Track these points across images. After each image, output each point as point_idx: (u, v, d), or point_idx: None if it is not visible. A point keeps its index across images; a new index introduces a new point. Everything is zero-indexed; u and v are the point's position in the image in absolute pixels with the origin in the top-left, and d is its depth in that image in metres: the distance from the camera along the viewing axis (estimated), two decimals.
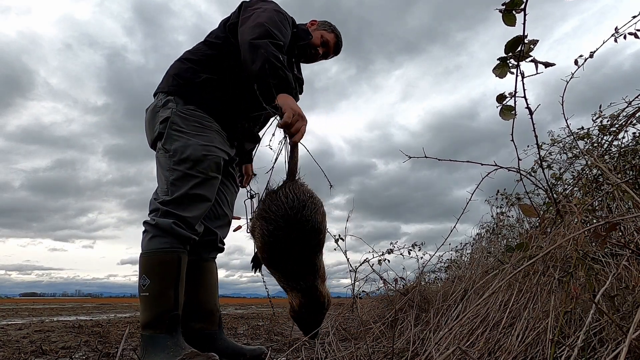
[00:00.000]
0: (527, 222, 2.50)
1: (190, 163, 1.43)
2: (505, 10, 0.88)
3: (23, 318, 4.51)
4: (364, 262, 2.10)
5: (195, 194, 1.43)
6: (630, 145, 1.75)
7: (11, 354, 1.74)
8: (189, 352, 1.28)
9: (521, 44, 0.91)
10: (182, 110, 1.48)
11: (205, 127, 1.49)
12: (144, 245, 1.40)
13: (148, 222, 1.42)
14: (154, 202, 1.44)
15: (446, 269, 3.28)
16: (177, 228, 1.38)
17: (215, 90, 1.54)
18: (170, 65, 1.62)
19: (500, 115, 1.02)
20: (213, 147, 1.48)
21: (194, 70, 1.54)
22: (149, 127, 1.55)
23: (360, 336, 1.95)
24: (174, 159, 1.44)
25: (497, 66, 0.97)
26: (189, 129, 1.47)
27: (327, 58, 1.90)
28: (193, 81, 1.52)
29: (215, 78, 1.54)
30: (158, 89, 1.57)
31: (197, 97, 1.51)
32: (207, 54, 1.59)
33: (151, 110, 1.55)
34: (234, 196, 1.78)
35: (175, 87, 1.52)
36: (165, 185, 1.43)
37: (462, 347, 0.81)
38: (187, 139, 1.45)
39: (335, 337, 1.63)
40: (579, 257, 0.93)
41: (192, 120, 1.48)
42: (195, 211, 1.43)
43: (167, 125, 1.46)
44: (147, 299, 1.35)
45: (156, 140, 1.51)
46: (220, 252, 1.71)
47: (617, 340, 0.85)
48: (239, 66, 1.56)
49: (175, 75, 1.55)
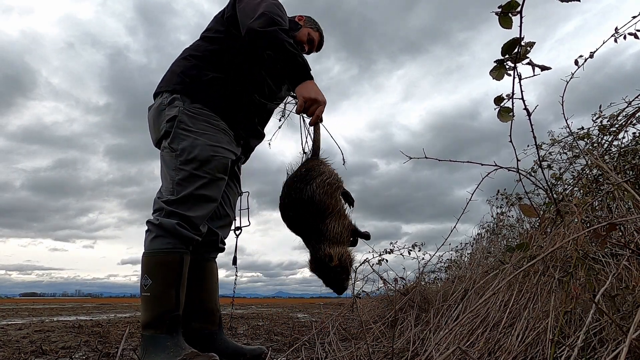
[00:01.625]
0: (527, 222, 2.50)
1: (197, 163, 1.41)
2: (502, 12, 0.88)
3: (23, 318, 4.51)
4: (364, 262, 2.10)
5: (201, 194, 1.42)
6: (630, 145, 1.75)
7: (11, 354, 1.74)
8: (189, 352, 1.28)
9: (518, 46, 0.91)
10: (189, 109, 1.46)
11: (213, 126, 1.48)
12: (146, 245, 1.40)
13: (151, 221, 1.40)
14: (158, 202, 1.43)
15: (446, 269, 3.28)
16: (180, 229, 1.37)
17: (222, 88, 1.52)
18: (172, 64, 1.60)
19: (498, 117, 1.02)
20: (220, 148, 1.47)
21: (199, 67, 1.52)
22: (154, 126, 1.53)
23: (360, 336, 1.95)
24: (180, 158, 1.42)
25: (494, 68, 0.97)
26: (196, 127, 1.45)
27: (309, 54, 1.92)
28: (200, 79, 1.50)
29: (221, 76, 1.53)
30: (160, 88, 1.55)
31: (204, 95, 1.49)
32: (209, 49, 1.57)
33: (156, 108, 1.52)
34: (236, 197, 1.77)
35: (182, 86, 1.49)
36: (171, 184, 1.42)
37: (462, 347, 0.81)
38: (194, 138, 1.43)
39: (335, 337, 1.63)
40: (579, 257, 0.93)
41: (200, 119, 1.46)
42: (200, 211, 1.42)
43: (175, 124, 1.44)
44: (149, 299, 1.34)
45: (162, 139, 1.49)
46: (220, 252, 1.71)
47: (617, 340, 0.85)
48: (241, 61, 1.55)
49: (181, 73, 1.52)
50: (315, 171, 1.45)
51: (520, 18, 0.87)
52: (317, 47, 1.91)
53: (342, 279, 1.38)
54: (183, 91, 1.49)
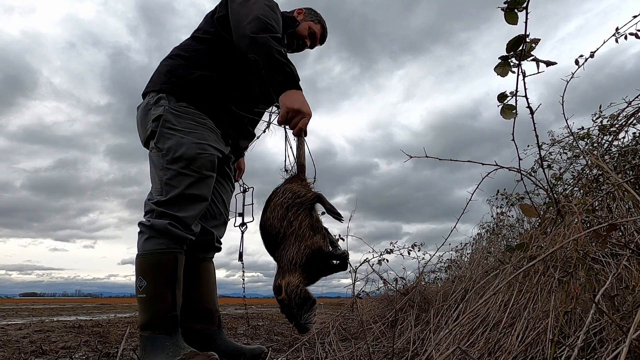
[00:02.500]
0: (527, 222, 2.50)
1: (184, 162, 1.40)
2: (508, 8, 0.88)
3: (23, 318, 4.51)
4: (364, 262, 2.10)
5: (191, 193, 1.40)
6: (631, 145, 1.75)
7: (11, 354, 1.74)
8: (189, 351, 1.28)
9: (523, 42, 0.91)
10: (174, 108, 1.45)
11: (199, 124, 1.46)
12: (139, 247, 1.39)
13: (143, 223, 1.39)
14: (148, 203, 1.41)
15: (446, 269, 3.28)
16: (172, 229, 1.36)
17: (209, 86, 1.50)
18: (160, 63, 1.58)
19: (501, 114, 1.01)
20: (207, 145, 1.45)
21: (186, 67, 1.51)
22: (142, 126, 1.52)
23: (360, 336, 1.95)
24: (167, 157, 1.41)
25: (499, 65, 0.96)
26: (182, 126, 1.43)
27: (312, 48, 1.87)
28: (187, 78, 1.48)
29: (208, 74, 1.51)
30: (148, 89, 1.53)
31: (190, 93, 1.48)
32: (197, 49, 1.55)
33: (143, 108, 1.51)
34: (229, 195, 1.76)
35: (167, 85, 1.48)
36: (159, 185, 1.40)
37: (462, 347, 0.81)
38: (180, 137, 1.42)
39: (335, 337, 1.63)
40: (579, 257, 0.92)
41: (186, 117, 1.45)
42: (191, 211, 1.41)
43: (160, 123, 1.43)
44: (145, 300, 1.34)
45: (149, 139, 1.48)
46: (217, 252, 1.70)
47: (617, 340, 0.85)
48: (231, 61, 1.53)
49: (168, 72, 1.51)
50: (273, 193, 1.35)
51: (526, 14, 0.87)
52: (320, 40, 1.86)
53: (297, 314, 1.19)
54: (169, 90, 1.47)
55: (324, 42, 1.89)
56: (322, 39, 1.87)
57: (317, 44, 1.86)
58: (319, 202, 1.37)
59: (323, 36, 1.86)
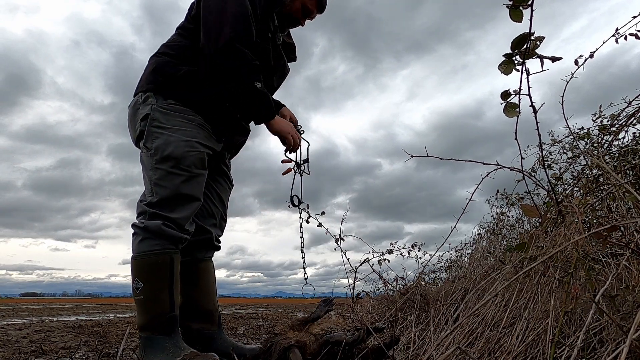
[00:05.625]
0: (527, 222, 2.50)
1: (173, 161, 1.37)
2: (513, 5, 0.87)
3: (23, 318, 4.51)
4: (364, 262, 2.10)
5: (182, 193, 1.38)
6: (631, 145, 1.75)
7: (11, 354, 1.74)
8: (189, 352, 1.27)
9: (527, 41, 0.91)
10: (162, 106, 1.42)
11: (188, 121, 1.43)
12: (134, 248, 1.37)
13: (137, 224, 1.37)
14: (140, 205, 1.39)
15: (446, 269, 3.28)
16: (166, 229, 1.34)
17: (196, 81, 1.46)
18: (148, 61, 1.55)
19: (504, 113, 1.01)
20: (196, 143, 1.42)
21: (172, 64, 1.47)
22: (131, 126, 1.50)
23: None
24: (155, 157, 1.38)
25: (503, 62, 0.96)
26: (170, 124, 1.41)
27: (312, 19, 1.73)
28: (174, 75, 1.45)
29: (195, 70, 1.47)
30: (137, 89, 1.50)
31: (177, 90, 1.45)
32: (182, 45, 1.51)
33: (132, 107, 1.48)
34: (227, 193, 1.73)
35: (154, 84, 1.45)
36: (150, 185, 1.38)
37: (462, 347, 0.81)
38: (168, 135, 1.39)
39: None
40: (580, 257, 0.92)
41: (174, 114, 1.42)
42: (184, 212, 1.39)
43: (148, 122, 1.41)
44: (142, 302, 1.32)
45: (138, 139, 1.46)
46: (216, 251, 1.69)
47: (617, 340, 0.85)
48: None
49: (154, 70, 1.47)
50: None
51: (531, 11, 0.87)
52: (317, 9, 1.68)
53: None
54: (156, 89, 1.45)
55: (323, 9, 1.70)
56: (321, 7, 1.69)
57: (315, 13, 1.70)
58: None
59: (321, 5, 1.68)
